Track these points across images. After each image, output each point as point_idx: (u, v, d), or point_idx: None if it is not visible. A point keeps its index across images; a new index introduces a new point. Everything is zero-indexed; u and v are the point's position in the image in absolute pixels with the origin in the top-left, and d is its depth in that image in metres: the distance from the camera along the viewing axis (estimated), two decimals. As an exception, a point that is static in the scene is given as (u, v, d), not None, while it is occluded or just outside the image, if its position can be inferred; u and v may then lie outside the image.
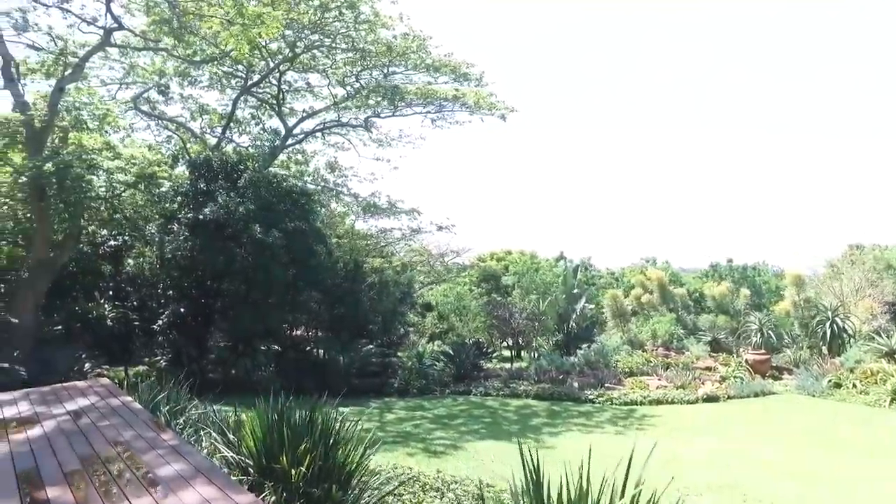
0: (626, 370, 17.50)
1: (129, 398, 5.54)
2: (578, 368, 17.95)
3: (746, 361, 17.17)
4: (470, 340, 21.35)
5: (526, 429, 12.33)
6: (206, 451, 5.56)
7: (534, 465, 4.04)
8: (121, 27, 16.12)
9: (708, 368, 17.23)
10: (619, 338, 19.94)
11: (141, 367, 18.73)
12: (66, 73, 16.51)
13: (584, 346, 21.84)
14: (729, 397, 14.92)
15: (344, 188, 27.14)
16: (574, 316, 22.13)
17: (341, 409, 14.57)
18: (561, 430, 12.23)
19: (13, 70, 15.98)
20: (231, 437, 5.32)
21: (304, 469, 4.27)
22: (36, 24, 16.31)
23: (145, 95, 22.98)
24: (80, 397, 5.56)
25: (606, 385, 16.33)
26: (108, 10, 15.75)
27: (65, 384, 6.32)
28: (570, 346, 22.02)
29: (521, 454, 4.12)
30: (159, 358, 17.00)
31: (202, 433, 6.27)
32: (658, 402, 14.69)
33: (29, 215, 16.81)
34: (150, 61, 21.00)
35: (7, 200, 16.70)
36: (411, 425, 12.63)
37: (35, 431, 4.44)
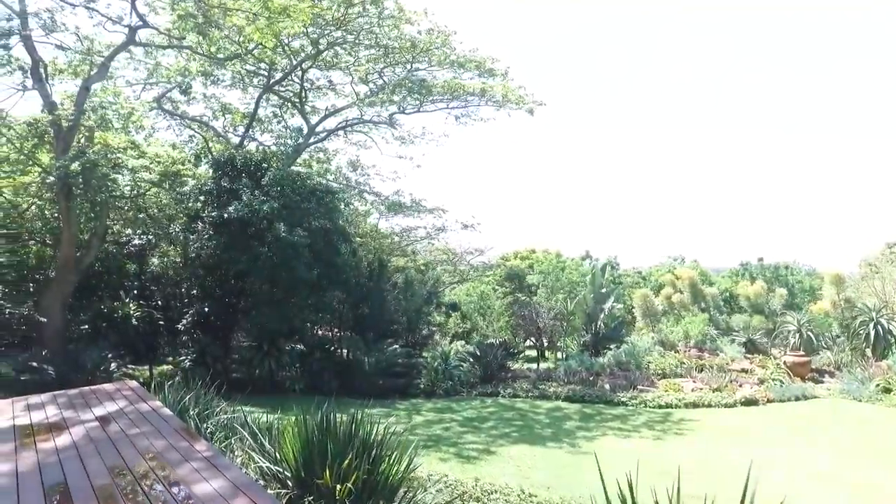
0: (659, 372, 16.95)
1: (159, 403, 5.28)
2: (609, 370, 17.46)
3: (785, 363, 16.52)
4: (495, 340, 20.96)
5: (560, 432, 11.91)
6: (239, 459, 5.28)
7: (628, 483, 3.65)
8: (146, 25, 16.04)
9: (744, 370, 16.60)
10: (649, 338, 19.37)
11: (165, 367, 18.72)
12: (92, 73, 16.49)
13: (613, 346, 21.33)
14: (769, 401, 14.31)
15: (366, 187, 26.96)
16: (602, 316, 21.61)
17: (368, 410, 14.37)
18: (596, 434, 11.80)
19: (42, 71, 16.01)
20: (267, 445, 5.03)
21: (349, 485, 3.95)
22: (63, 25, 16.33)
23: (168, 95, 22.98)
24: (109, 401, 5.32)
25: (639, 387, 15.84)
26: (133, 7, 15.69)
27: (92, 387, 6.09)
28: (597, 347, 21.51)
29: (600, 470, 3.73)
30: (184, 358, 16.90)
31: (233, 439, 5.99)
32: (694, 405, 14.16)
33: (56, 215, 16.84)
34: (175, 60, 20.96)
35: (35, 200, 16.73)
36: (441, 428, 12.30)
37: (63, 439, 4.19)
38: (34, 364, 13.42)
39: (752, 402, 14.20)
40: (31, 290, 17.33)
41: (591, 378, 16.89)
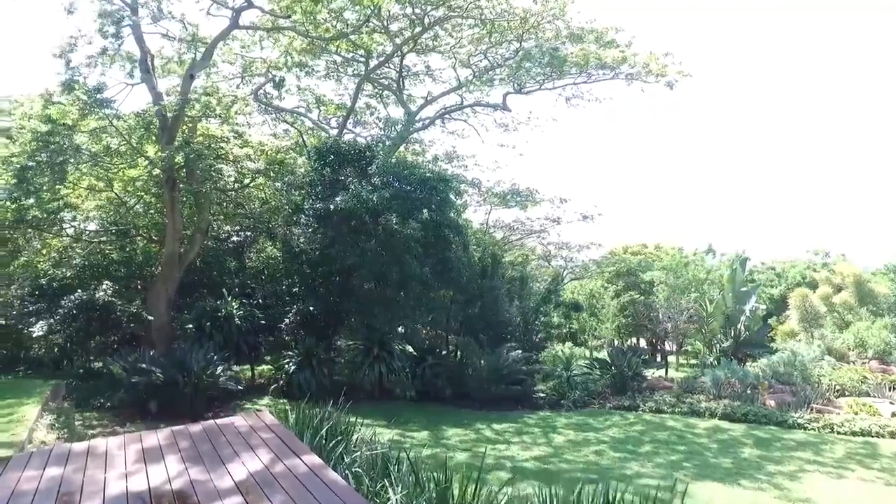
0: (835, 388, 14.09)
1: (317, 460, 3.72)
2: (767, 382, 14.79)
3: None
4: (621, 344, 18.69)
5: (743, 465, 9.62)
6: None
7: None
8: (250, 5, 15.16)
9: (955, 390, 13.42)
10: (815, 346, 16.37)
11: (265, 367, 17.89)
12: (196, 60, 15.81)
13: (756, 353, 18.53)
14: None
15: (463, 178, 25.35)
16: (743, 318, 18.73)
17: (495, 425, 12.61)
18: (790, 468, 9.42)
19: (149, 62, 15.52)
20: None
21: None
22: (170, 13, 15.77)
23: (262, 90, 22.40)
24: (245, 451, 3.83)
25: (814, 406, 13.12)
26: (238, -13, 14.79)
27: (219, 421, 4.69)
28: (738, 353, 18.71)
29: None
30: (287, 360, 15.83)
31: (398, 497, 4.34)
32: (904, 433, 11.35)
33: (161, 209, 16.37)
34: (272, 51, 20.22)
35: (142, 194, 16.30)
36: (592, 453, 10.32)
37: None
38: (143, 366, 12.68)
39: None
40: (139, 287, 16.95)
41: (746, 392, 14.35)
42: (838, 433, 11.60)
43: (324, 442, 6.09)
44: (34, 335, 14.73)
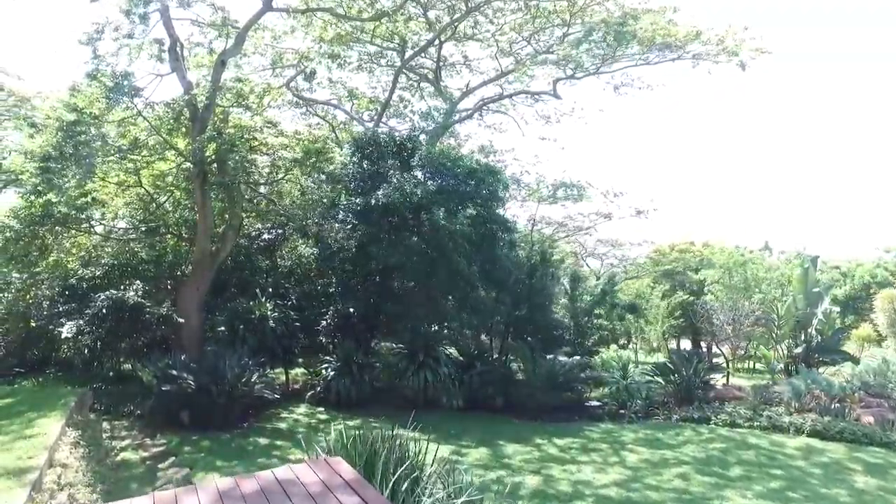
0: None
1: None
2: (857, 395, 13.28)
3: None
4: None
5: (862, 498, 8.25)
6: None
7: None
8: (284, -15, 14.18)
9: None
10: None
11: (298, 370, 16.95)
12: (227, 46, 14.93)
13: (831, 359, 16.95)
14: None
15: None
16: (815, 321, 17.14)
17: (556, 440, 11.38)
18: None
19: (178, 50, 14.71)
20: None
21: None
22: (201, -3, 14.92)
23: (293, 83, 21.53)
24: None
25: (921, 424, 11.59)
26: (271, -33, 13.84)
27: (277, 472, 3.59)
28: (809, 360, 17.13)
29: None
30: (325, 366, 14.81)
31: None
32: None
33: (191, 206, 15.53)
34: (306, 33, 19.26)
35: (172, 189, 15.46)
36: (676, 476, 9.02)
37: None
38: (174, 372, 11.78)
39: None
40: (169, 287, 16.14)
41: (834, 405, 12.85)
42: (961, 458, 10.11)
43: (390, 475, 5.00)
44: (63, 336, 14.05)
